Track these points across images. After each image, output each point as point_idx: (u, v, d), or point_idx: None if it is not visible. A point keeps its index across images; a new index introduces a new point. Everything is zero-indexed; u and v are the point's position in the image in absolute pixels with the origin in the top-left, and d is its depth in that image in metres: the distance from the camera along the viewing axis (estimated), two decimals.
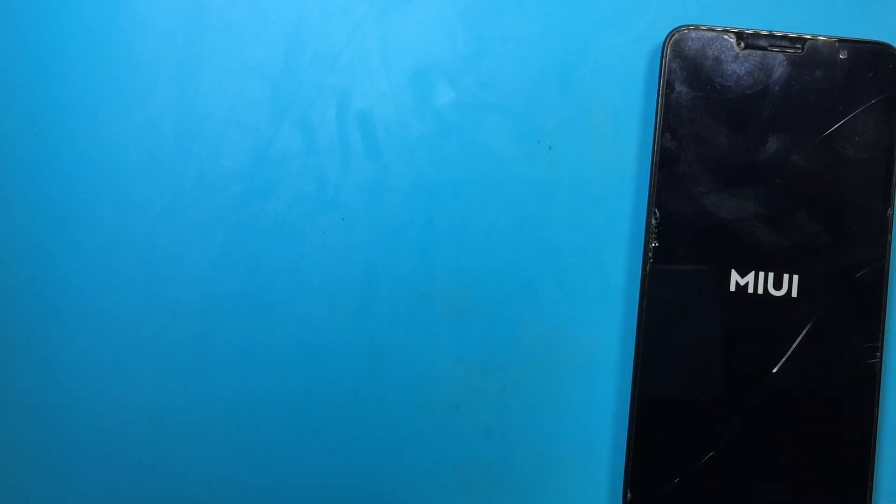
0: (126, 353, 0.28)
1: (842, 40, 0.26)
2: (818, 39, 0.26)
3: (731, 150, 0.26)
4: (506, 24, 0.28)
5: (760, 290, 0.26)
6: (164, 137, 0.28)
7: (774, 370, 0.26)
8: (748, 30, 0.26)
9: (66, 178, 0.28)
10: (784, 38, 0.26)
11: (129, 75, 0.28)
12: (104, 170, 0.28)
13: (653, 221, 0.26)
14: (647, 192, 0.26)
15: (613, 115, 0.28)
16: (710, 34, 0.26)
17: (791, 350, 0.26)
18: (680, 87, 0.26)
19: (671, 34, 0.26)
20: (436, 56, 0.28)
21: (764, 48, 0.26)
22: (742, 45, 0.26)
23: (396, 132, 0.28)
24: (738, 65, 0.26)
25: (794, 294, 0.26)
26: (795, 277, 0.26)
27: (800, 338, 0.26)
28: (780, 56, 0.26)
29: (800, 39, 0.26)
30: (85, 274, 0.28)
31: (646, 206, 0.26)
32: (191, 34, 0.28)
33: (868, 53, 0.26)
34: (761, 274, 0.26)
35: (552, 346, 0.28)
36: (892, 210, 0.26)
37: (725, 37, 0.26)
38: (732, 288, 0.26)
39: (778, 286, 0.26)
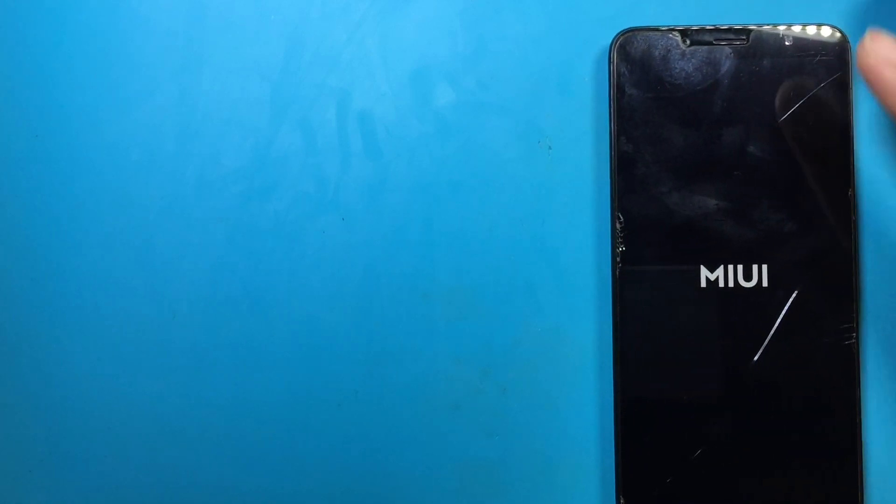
0: (126, 353, 0.28)
1: (786, 27, 0.26)
2: (762, 29, 0.26)
3: (688, 147, 0.26)
4: (506, 24, 0.28)
5: (731, 284, 0.26)
6: (164, 137, 0.28)
7: (753, 362, 0.26)
8: (692, 26, 0.26)
9: (66, 178, 0.28)
10: (728, 30, 0.26)
11: (130, 75, 0.28)
12: (104, 170, 0.28)
13: (617, 225, 0.26)
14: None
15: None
16: (655, 34, 0.26)
17: (768, 340, 0.26)
18: (630, 90, 0.26)
19: (616, 38, 0.26)
20: (436, 56, 0.28)
21: (709, 43, 0.26)
22: (687, 41, 0.26)
23: (396, 132, 0.28)
24: (686, 62, 0.26)
25: (765, 284, 0.26)
26: (765, 267, 0.26)
27: (775, 327, 0.26)
28: (727, 49, 0.26)
29: (744, 31, 0.26)
30: (85, 274, 0.28)
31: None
32: (191, 34, 0.28)
33: (813, 37, 0.26)
34: (730, 267, 0.26)
35: (552, 346, 0.28)
36: (853, 190, 0.26)
37: (670, 35, 0.26)
38: (703, 284, 0.26)
39: (748, 277, 0.26)
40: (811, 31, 0.26)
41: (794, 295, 0.26)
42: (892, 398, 0.27)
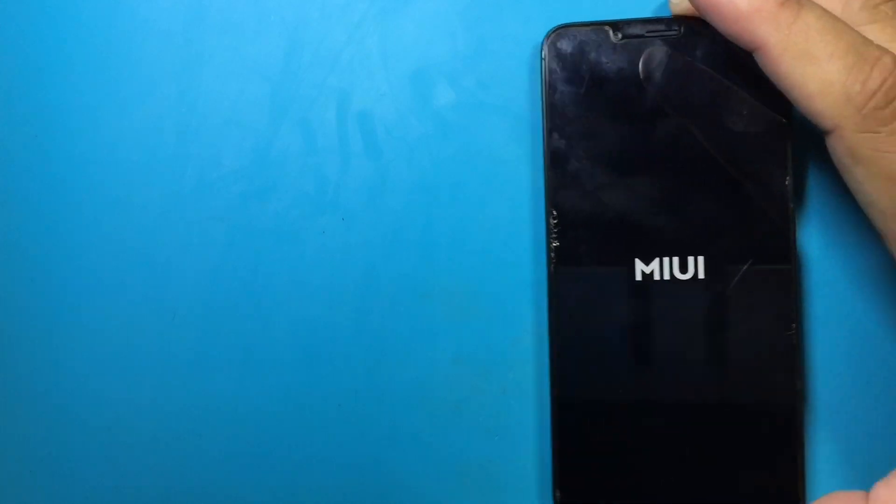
0: (126, 354, 0.28)
1: None
2: (694, 19, 0.26)
3: (623, 141, 0.26)
4: (506, 24, 0.28)
5: (667, 276, 0.26)
6: (164, 137, 0.28)
7: (691, 354, 0.26)
8: (623, 19, 0.26)
9: (65, 178, 0.28)
10: (659, 22, 0.26)
11: (129, 75, 0.28)
12: (104, 170, 0.28)
13: (551, 221, 0.26)
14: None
15: None
16: (587, 29, 0.26)
17: (705, 332, 0.26)
18: (562, 86, 0.26)
19: (548, 35, 0.26)
20: (436, 56, 0.28)
21: (641, 36, 0.26)
22: (619, 35, 0.26)
23: (396, 132, 0.28)
24: (619, 56, 0.26)
25: (702, 275, 0.26)
26: (701, 259, 0.26)
27: (713, 319, 0.26)
28: (659, 41, 0.26)
29: (676, 21, 0.26)
30: (85, 274, 0.28)
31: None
32: (191, 34, 0.28)
33: None
34: (665, 260, 0.26)
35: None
36: (790, 179, 0.26)
37: (602, 30, 0.26)
38: (639, 277, 0.26)
39: (684, 270, 0.26)
40: None
41: (731, 286, 0.26)
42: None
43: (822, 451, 0.27)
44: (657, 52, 0.26)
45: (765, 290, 0.26)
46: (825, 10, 0.22)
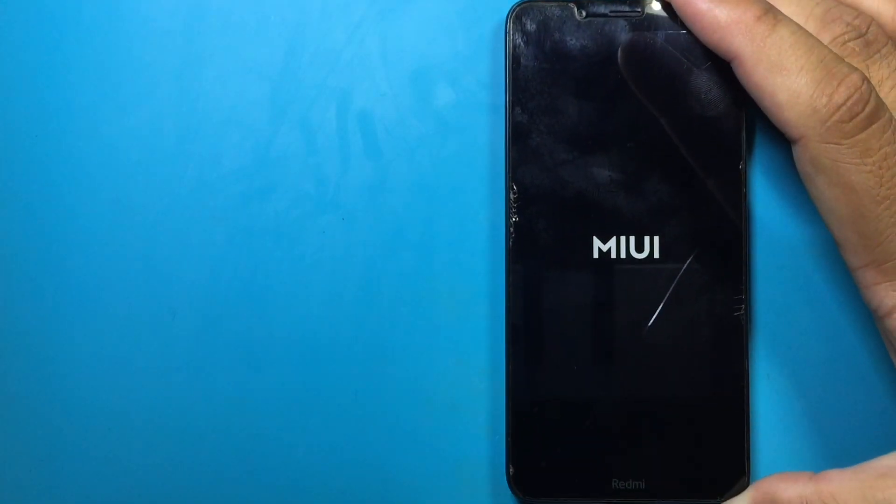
0: (126, 353, 0.28)
1: None
2: (658, 1, 0.26)
3: (583, 118, 0.26)
4: (505, 23, 0.28)
5: (624, 255, 0.26)
6: (164, 137, 0.28)
7: (644, 332, 0.26)
8: None
9: (65, 178, 0.28)
10: (623, 2, 0.26)
11: (129, 75, 0.28)
12: (104, 170, 0.28)
13: (511, 196, 0.26)
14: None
15: None
16: (551, 5, 0.26)
17: (658, 311, 0.26)
18: (526, 62, 0.26)
19: (513, 9, 0.26)
20: (436, 56, 0.28)
21: (605, 15, 0.26)
22: (583, 13, 0.26)
23: (396, 132, 0.28)
24: (582, 33, 0.26)
25: (657, 255, 0.26)
26: (656, 239, 0.26)
27: (666, 298, 0.26)
28: (622, 21, 0.26)
29: (639, 2, 0.26)
30: (85, 274, 0.28)
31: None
32: (191, 34, 0.28)
33: None
34: (622, 238, 0.26)
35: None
36: (744, 164, 0.26)
37: (566, 6, 0.26)
38: (595, 255, 0.26)
39: (640, 249, 0.26)
40: None
41: (684, 266, 0.26)
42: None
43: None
44: (628, 35, 0.26)
45: (716, 272, 0.26)
46: (799, 26, 0.23)
